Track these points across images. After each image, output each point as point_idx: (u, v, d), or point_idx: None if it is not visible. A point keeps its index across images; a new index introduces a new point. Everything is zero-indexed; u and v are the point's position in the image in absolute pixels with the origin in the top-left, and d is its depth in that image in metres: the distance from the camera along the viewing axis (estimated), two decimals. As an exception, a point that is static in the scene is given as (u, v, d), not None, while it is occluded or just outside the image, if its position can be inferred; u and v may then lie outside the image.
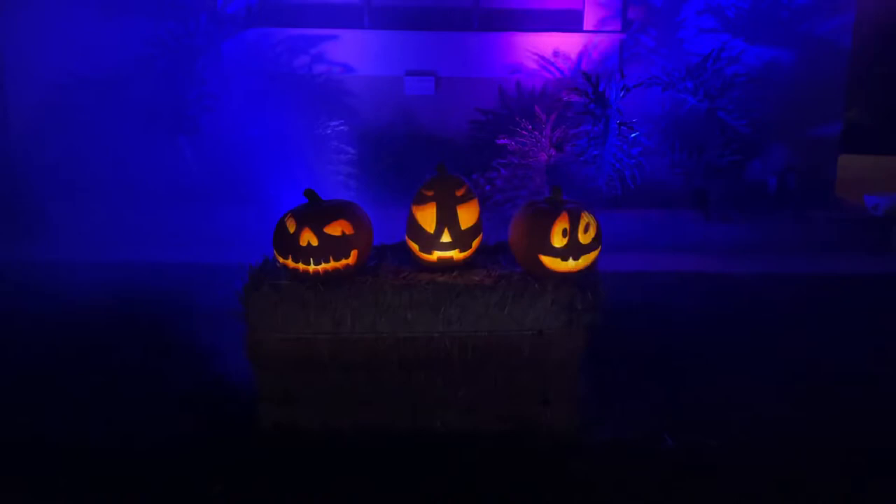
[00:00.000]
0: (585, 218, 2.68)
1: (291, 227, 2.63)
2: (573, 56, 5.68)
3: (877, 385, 3.17)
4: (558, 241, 2.63)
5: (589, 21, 5.73)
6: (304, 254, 2.61)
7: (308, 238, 2.60)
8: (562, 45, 5.68)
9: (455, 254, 2.72)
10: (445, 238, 2.69)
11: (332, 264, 2.62)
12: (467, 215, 2.73)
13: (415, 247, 2.75)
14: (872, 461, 2.60)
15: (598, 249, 2.73)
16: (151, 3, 5.49)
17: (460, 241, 2.71)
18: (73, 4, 5.53)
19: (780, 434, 2.76)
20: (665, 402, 2.98)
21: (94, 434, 2.75)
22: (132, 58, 5.42)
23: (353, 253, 2.66)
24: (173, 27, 5.40)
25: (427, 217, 2.70)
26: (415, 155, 5.42)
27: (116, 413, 2.91)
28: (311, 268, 2.62)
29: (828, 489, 2.45)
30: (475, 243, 2.78)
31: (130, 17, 5.53)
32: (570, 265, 2.65)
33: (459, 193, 2.73)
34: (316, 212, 2.66)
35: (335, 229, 2.62)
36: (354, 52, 5.73)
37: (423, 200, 2.72)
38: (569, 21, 5.80)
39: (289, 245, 2.63)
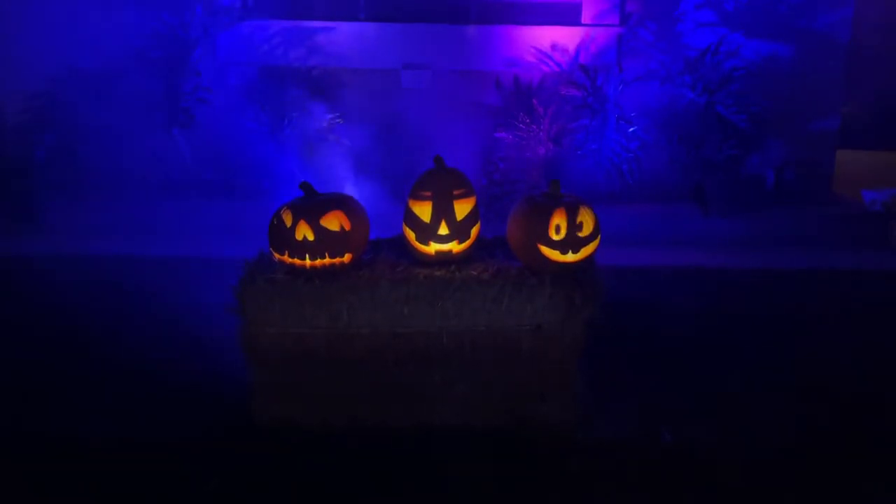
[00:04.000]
0: (583, 211, 2.66)
1: (287, 220, 2.60)
2: (571, 49, 5.66)
3: (875, 381, 3.16)
4: (556, 233, 2.61)
5: (587, 14, 5.70)
6: (300, 248, 2.58)
7: (304, 232, 2.57)
8: (560, 38, 5.66)
9: (453, 246, 2.70)
10: (443, 230, 2.66)
11: (328, 259, 2.60)
12: (465, 209, 2.70)
13: (411, 235, 2.72)
14: (872, 459, 2.59)
15: (597, 242, 2.72)
16: (146, -5, 5.46)
17: (458, 234, 2.69)
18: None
19: (779, 431, 2.75)
20: (663, 397, 2.96)
21: (89, 430, 2.72)
22: (127, 49, 5.38)
23: (350, 247, 2.63)
24: (168, 19, 5.36)
25: (424, 211, 2.68)
26: (411, 148, 5.39)
27: (111, 408, 2.88)
28: (308, 263, 2.59)
29: (827, 488, 2.44)
30: (473, 237, 2.75)
31: (125, 8, 5.49)
32: (569, 257, 2.63)
33: (457, 189, 2.70)
34: (312, 205, 2.63)
35: (331, 222, 2.59)
36: (350, 44, 5.70)
37: (419, 196, 2.69)
38: (567, 14, 5.77)
39: (284, 239, 2.60)
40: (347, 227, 2.61)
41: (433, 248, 2.70)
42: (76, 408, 2.89)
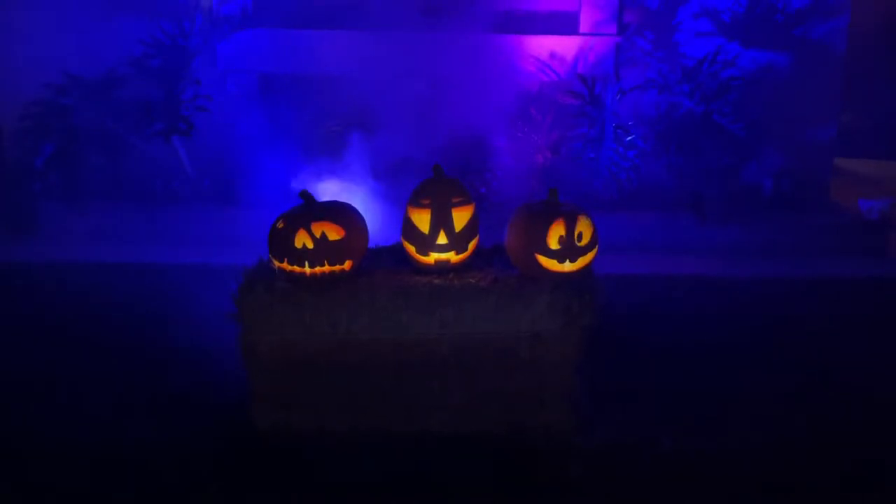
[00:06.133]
0: (582, 220, 2.67)
1: (287, 228, 2.62)
2: (569, 58, 5.68)
3: (873, 389, 3.17)
4: (555, 243, 2.62)
5: (585, 24, 5.73)
6: (300, 256, 2.59)
7: (303, 240, 2.59)
8: (558, 47, 5.68)
9: (451, 256, 2.71)
10: (441, 240, 2.68)
11: (327, 267, 2.61)
12: (463, 217, 2.71)
13: (411, 248, 2.74)
14: (868, 467, 2.60)
15: (595, 251, 2.73)
16: (146, 3, 5.46)
17: (456, 243, 2.70)
18: (66, 3, 5.51)
19: (776, 438, 2.75)
20: (662, 404, 2.97)
21: (89, 435, 2.73)
22: (126, 57, 5.39)
23: (349, 255, 2.64)
24: (168, 27, 5.37)
25: (423, 219, 2.69)
26: (411, 155, 5.40)
27: (111, 414, 2.88)
28: (307, 270, 2.60)
29: (823, 494, 2.44)
30: (472, 245, 2.76)
31: (125, 16, 5.51)
32: (567, 267, 2.64)
33: (455, 197, 2.72)
34: (311, 213, 2.64)
35: (330, 231, 2.60)
36: (350, 52, 5.71)
37: (418, 203, 2.71)
38: (565, 24, 5.80)
39: (284, 247, 2.61)
40: (346, 235, 2.63)
41: (433, 257, 2.71)
42: (77, 412, 2.89)
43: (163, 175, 5.55)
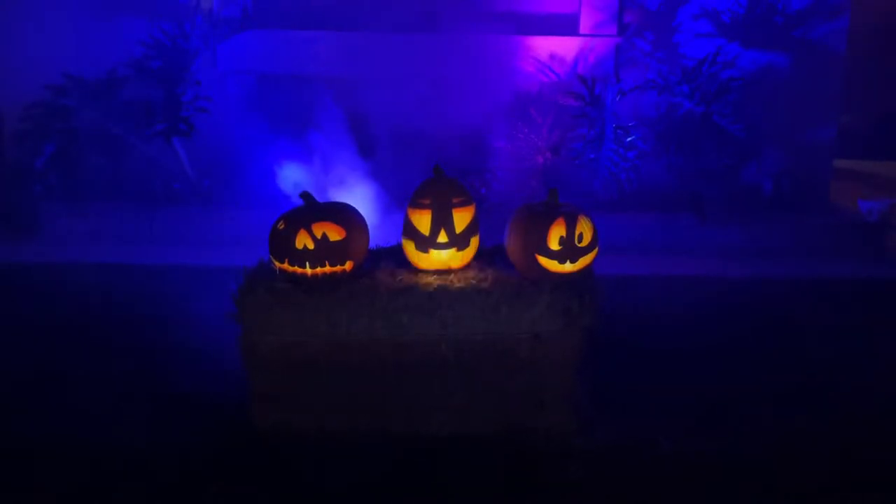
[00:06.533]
0: (582, 221, 2.68)
1: (287, 229, 2.62)
2: (569, 59, 5.68)
3: (873, 389, 3.17)
4: (555, 243, 2.63)
5: (585, 25, 5.73)
6: (300, 257, 2.60)
7: (304, 241, 2.59)
8: (558, 48, 5.68)
9: (453, 255, 2.71)
10: (442, 239, 2.68)
11: (328, 268, 2.61)
12: (464, 219, 2.72)
13: (410, 246, 2.74)
14: (868, 467, 2.60)
15: (595, 252, 2.74)
16: (146, 4, 5.47)
17: (457, 241, 2.70)
18: (66, 3, 5.51)
19: (777, 439, 2.76)
20: (661, 405, 2.97)
21: (89, 435, 2.73)
22: (127, 58, 5.40)
23: (350, 255, 2.65)
24: (168, 28, 5.38)
25: (423, 220, 2.69)
26: (411, 157, 5.41)
27: (111, 415, 2.88)
28: (308, 271, 2.61)
29: (824, 495, 2.44)
30: (473, 242, 2.76)
31: (125, 16, 5.52)
32: (567, 268, 2.65)
33: (456, 198, 2.72)
34: (311, 214, 2.65)
35: (331, 232, 2.61)
36: (350, 54, 5.72)
37: (419, 204, 2.71)
38: (565, 25, 5.80)
39: (284, 248, 2.62)
40: (347, 235, 2.63)
41: (433, 257, 2.71)
42: (77, 412, 2.89)
43: (163, 175, 5.55)
